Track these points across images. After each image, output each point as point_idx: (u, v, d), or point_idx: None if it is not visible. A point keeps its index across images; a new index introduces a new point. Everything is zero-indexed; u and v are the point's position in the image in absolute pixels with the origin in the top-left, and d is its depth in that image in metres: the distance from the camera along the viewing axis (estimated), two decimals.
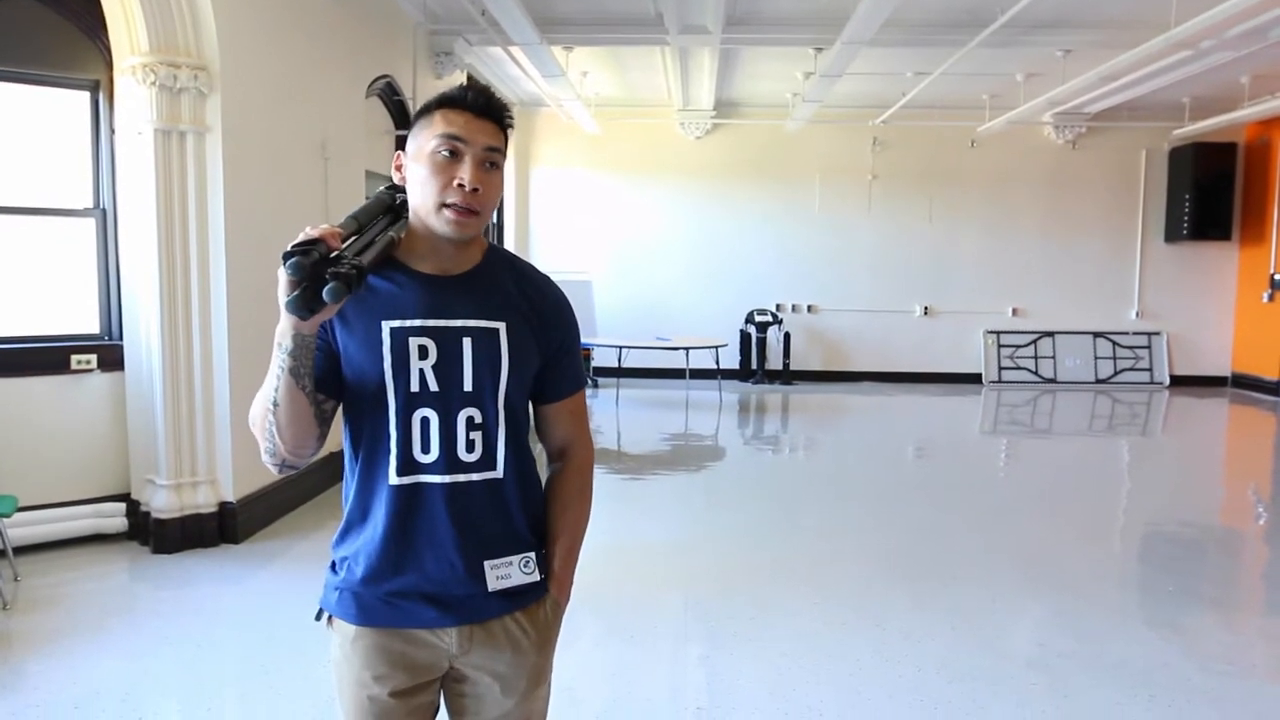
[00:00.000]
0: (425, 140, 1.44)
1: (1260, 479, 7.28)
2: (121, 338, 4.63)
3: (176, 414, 4.47)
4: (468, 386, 1.45)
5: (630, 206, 11.21)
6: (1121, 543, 5.34)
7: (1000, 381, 11.17)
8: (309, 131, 5.34)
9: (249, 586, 4.13)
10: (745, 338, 11.07)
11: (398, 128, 6.99)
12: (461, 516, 1.45)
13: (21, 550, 4.27)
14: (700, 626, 3.76)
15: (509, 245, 10.57)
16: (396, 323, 1.44)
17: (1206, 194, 10.61)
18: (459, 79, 8.23)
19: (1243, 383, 10.95)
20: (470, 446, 1.46)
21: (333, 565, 1.54)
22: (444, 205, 1.42)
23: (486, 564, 1.48)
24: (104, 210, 4.65)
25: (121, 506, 4.61)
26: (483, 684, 1.52)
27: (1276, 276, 10.32)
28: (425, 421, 1.44)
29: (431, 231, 1.45)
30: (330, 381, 1.46)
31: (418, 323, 1.44)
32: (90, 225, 4.65)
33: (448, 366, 1.44)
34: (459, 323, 1.46)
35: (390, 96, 6.81)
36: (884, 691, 3.15)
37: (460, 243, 1.46)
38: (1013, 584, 4.26)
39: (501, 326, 1.48)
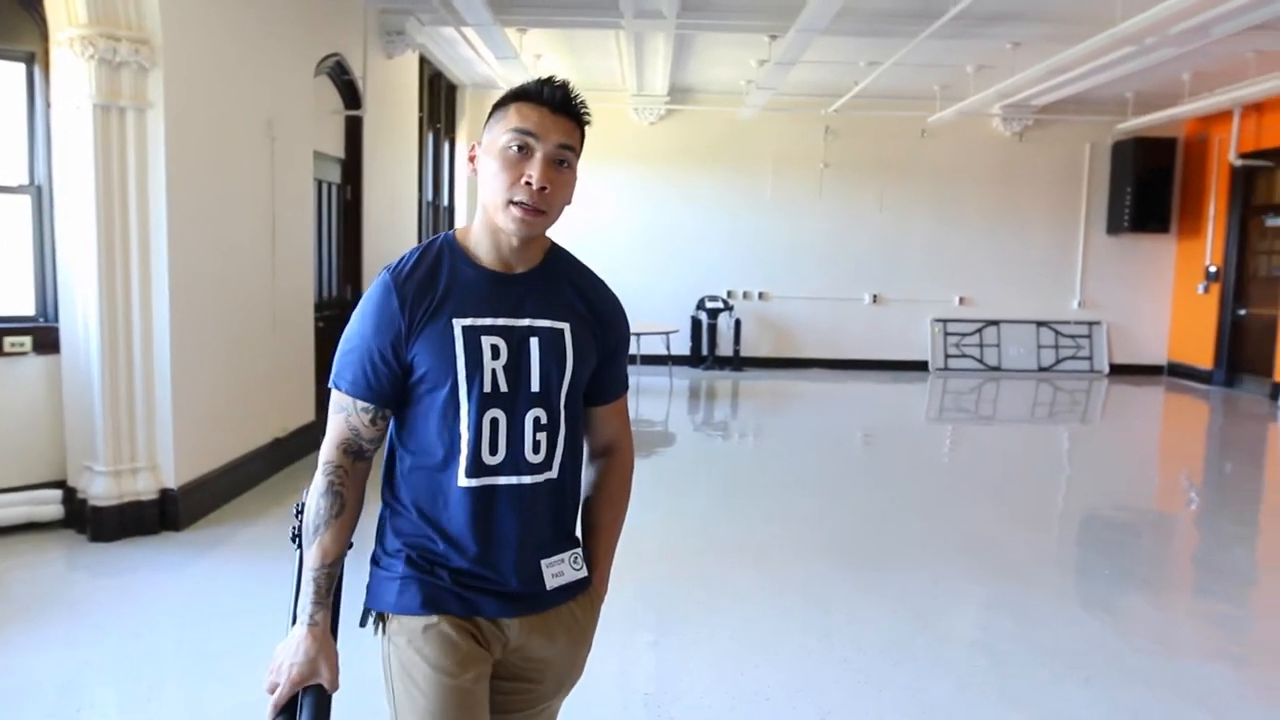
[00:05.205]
0: (498, 134, 1.43)
1: (1192, 465, 7.53)
2: (57, 319, 4.49)
3: (115, 398, 4.35)
4: (535, 387, 1.45)
5: (581, 190, 11.04)
6: (1060, 527, 5.48)
7: (946, 369, 11.36)
8: (255, 109, 5.22)
9: (190, 574, 4.05)
10: (696, 324, 11.12)
11: (347, 108, 6.87)
12: (525, 518, 1.46)
13: None
14: (649, 612, 3.78)
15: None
16: (468, 321, 1.43)
17: (1147, 187, 10.87)
18: (411, 59, 8.11)
19: (1178, 371, 11.28)
20: (536, 448, 1.46)
21: (377, 560, 1.51)
22: (511, 202, 1.40)
23: (543, 563, 1.49)
24: (39, 187, 4.50)
25: (58, 494, 4.48)
26: (534, 674, 1.53)
27: (1211, 268, 10.63)
28: (495, 422, 1.43)
29: (497, 227, 1.44)
30: (393, 396, 1.45)
31: (488, 321, 1.43)
32: (25, 202, 4.49)
33: (516, 367, 1.44)
34: (527, 322, 1.46)
35: (340, 76, 6.68)
36: (830, 674, 3.21)
37: (524, 240, 1.45)
38: (955, 568, 4.35)
39: (566, 327, 1.48)
